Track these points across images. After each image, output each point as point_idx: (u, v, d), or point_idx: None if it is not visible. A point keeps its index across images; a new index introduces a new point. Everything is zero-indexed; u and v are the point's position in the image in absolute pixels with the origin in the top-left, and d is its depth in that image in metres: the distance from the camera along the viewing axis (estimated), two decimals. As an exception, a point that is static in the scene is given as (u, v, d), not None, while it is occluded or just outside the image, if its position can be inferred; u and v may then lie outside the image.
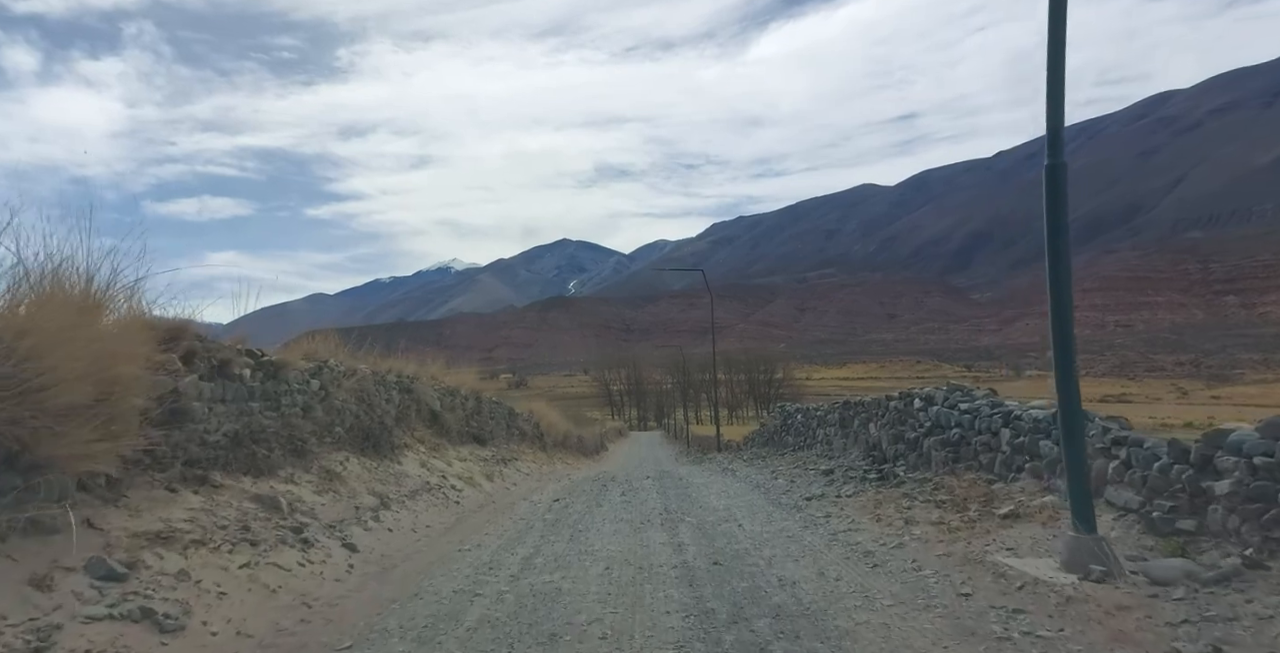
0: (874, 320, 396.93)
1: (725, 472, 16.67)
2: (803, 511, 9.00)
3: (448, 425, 14.79)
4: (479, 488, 12.31)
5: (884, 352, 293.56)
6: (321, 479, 7.88)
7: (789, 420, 19.63)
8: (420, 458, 11.92)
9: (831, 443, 14.25)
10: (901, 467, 9.48)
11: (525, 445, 20.82)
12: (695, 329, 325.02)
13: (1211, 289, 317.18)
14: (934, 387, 9.52)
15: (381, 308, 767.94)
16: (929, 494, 7.76)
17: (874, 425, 11.41)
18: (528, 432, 22.02)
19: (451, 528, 8.61)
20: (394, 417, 12.38)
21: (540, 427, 24.86)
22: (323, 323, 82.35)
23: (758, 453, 21.18)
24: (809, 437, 16.80)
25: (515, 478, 15.23)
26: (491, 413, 18.75)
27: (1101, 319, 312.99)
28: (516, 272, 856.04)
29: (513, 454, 17.88)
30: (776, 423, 21.23)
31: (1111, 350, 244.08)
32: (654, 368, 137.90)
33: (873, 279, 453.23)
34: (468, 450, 15.06)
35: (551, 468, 20.68)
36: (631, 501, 11.19)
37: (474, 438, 16.31)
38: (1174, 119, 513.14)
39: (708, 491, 12.36)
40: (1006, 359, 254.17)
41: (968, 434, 8.10)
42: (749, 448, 26.00)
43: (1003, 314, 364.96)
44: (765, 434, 23.45)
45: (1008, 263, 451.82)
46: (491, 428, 17.96)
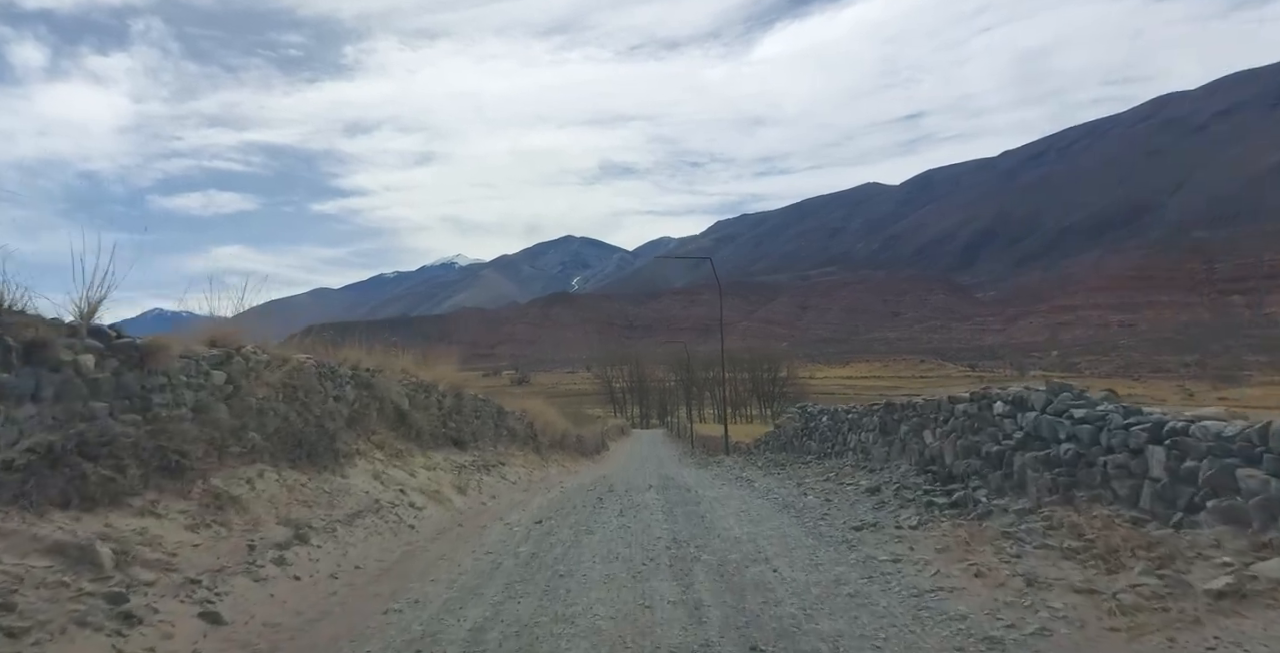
0: (877, 319, 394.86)
1: (740, 482, 14.62)
2: (856, 547, 6.83)
3: (418, 426, 12.66)
4: (446, 504, 10.16)
5: (887, 350, 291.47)
6: (205, 507, 5.76)
7: (811, 423, 17.45)
8: (374, 468, 9.78)
9: (869, 452, 12.12)
10: (982, 490, 7.29)
11: (516, 447, 18.91)
12: (698, 326, 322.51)
13: (1217, 289, 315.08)
14: (1023, 386, 7.35)
15: (385, 303, 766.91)
16: (1043, 535, 5.57)
17: (930, 433, 9.26)
18: (519, 432, 20.02)
19: (390, 569, 6.46)
20: (346, 417, 10.25)
21: (534, 426, 22.83)
22: (326, 318, 79.51)
23: (774, 459, 19.08)
24: (838, 443, 14.66)
25: (497, 488, 13.09)
26: (477, 412, 16.76)
27: (1105, 319, 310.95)
28: (520, 268, 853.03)
29: (499, 458, 15.89)
30: (796, 426, 18.98)
31: (1116, 350, 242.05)
32: (657, 365, 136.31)
33: (876, 277, 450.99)
34: (441, 456, 12.95)
35: (544, 472, 18.73)
36: (631, 523, 9.05)
37: (452, 440, 14.24)
38: (1180, 120, 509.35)
39: (723, 508, 10.21)
40: (1011, 358, 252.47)
41: (1088, 452, 5.92)
42: (762, 452, 23.89)
43: (1007, 313, 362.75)
44: (781, 437, 21.36)
45: (1012, 262, 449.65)
46: (475, 429, 15.95)
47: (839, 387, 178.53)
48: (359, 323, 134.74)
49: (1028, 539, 5.59)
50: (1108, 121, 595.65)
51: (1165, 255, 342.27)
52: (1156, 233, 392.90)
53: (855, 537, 7.27)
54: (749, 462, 21.96)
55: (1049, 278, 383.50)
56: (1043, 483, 6.29)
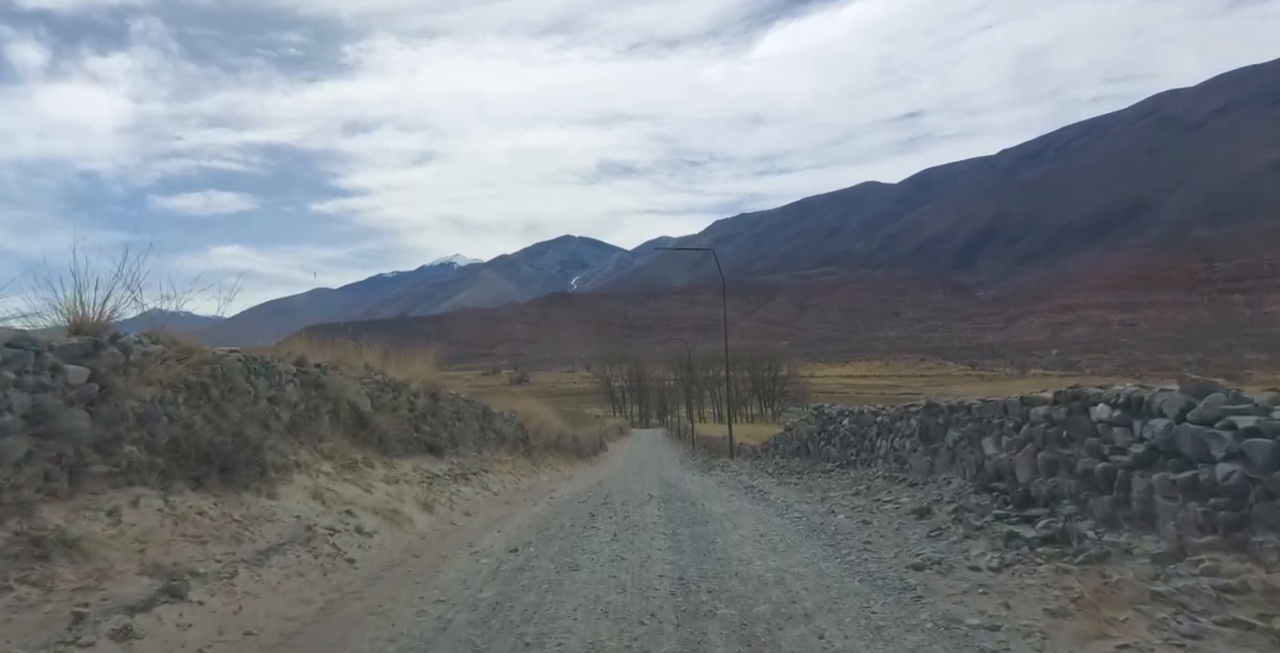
0: (876, 318, 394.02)
1: (751, 493, 13.01)
2: (925, 599, 5.08)
3: (382, 432, 10.94)
4: (406, 527, 8.44)
5: (887, 349, 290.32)
6: (8, 560, 4.03)
7: (830, 426, 15.64)
8: (316, 484, 8.05)
9: (905, 462, 10.49)
10: (1084, 522, 5.54)
11: (504, 452, 17.55)
12: (697, 326, 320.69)
13: (1217, 288, 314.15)
14: (1135, 384, 5.64)
15: (384, 303, 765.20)
16: (1217, 601, 3.83)
17: (993, 443, 7.53)
18: (509, 435, 18.54)
19: (295, 635, 4.70)
20: (286, 423, 8.54)
21: (525, 429, 21.21)
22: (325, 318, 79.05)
23: (787, 466, 17.33)
24: (865, 450, 12.95)
25: (474, 502, 11.39)
26: (458, 414, 15.21)
27: (1106, 317, 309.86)
28: (519, 267, 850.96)
29: (482, 465, 14.35)
30: (812, 428, 17.13)
31: (1117, 349, 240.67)
32: (656, 364, 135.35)
33: (875, 277, 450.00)
34: (411, 465, 11.25)
35: (534, 480, 17.25)
36: (626, 553, 7.35)
37: (427, 447, 12.56)
38: (1179, 117, 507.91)
39: (737, 530, 8.50)
40: (1011, 357, 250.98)
41: (1268, 478, 4.19)
42: (771, 456, 22.00)
43: (1007, 312, 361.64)
44: (794, 441, 19.46)
45: (1012, 260, 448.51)
46: (455, 433, 14.36)
47: (839, 386, 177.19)
48: (357, 323, 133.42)
49: (1194, 605, 3.85)
50: (1106, 119, 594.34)
51: (1165, 254, 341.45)
52: (1156, 231, 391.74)
53: (918, 581, 5.52)
54: (757, 467, 20.22)
55: (1049, 277, 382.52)
56: (1188, 518, 4.55)
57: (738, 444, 32.10)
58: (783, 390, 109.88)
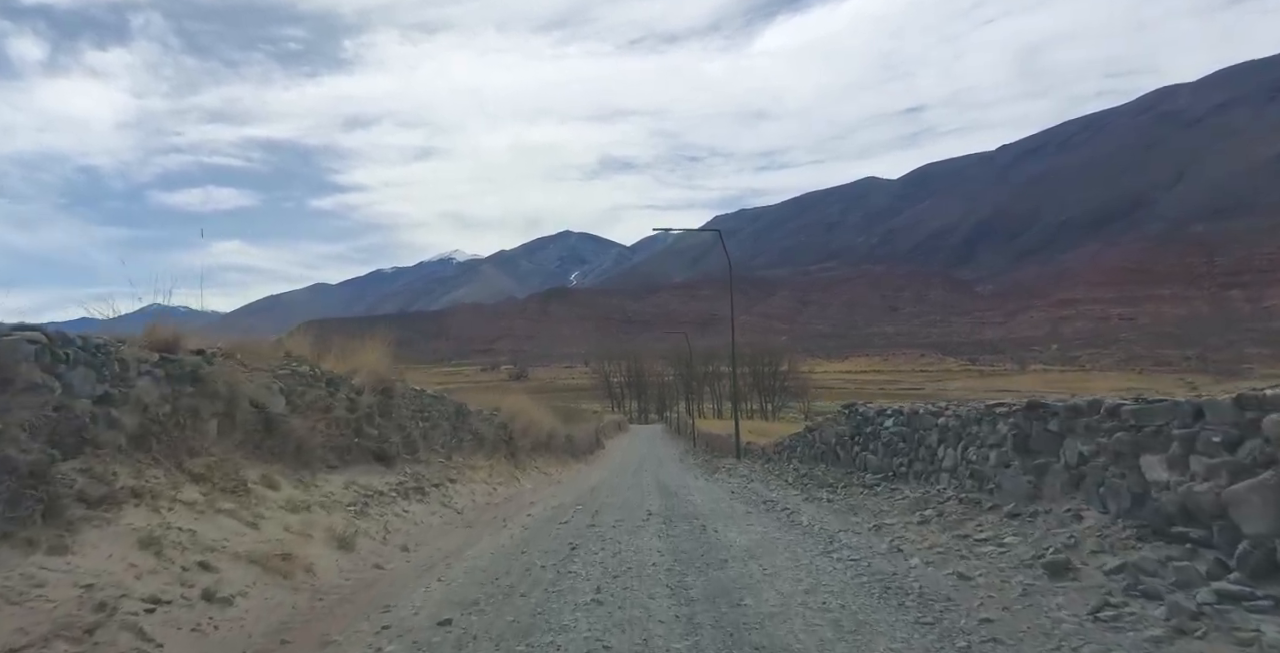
0: (876, 314, 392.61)
1: (774, 512, 10.56)
2: None
3: (299, 439, 8.37)
4: (296, 581, 5.83)
5: (886, 345, 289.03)
6: None
7: (868, 428, 12.94)
8: (154, 524, 5.45)
9: (988, 480, 8.04)
10: None
11: (482, 456, 15.76)
12: (696, 321, 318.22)
13: (1216, 283, 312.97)
14: None
15: (383, 299, 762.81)
16: None
17: (1163, 463, 4.94)
18: (488, 436, 16.51)
19: None
20: (131, 432, 5.96)
21: (509, 428, 18.85)
22: (324, 314, 77.02)
23: (811, 474, 14.86)
24: (920, 460, 10.38)
25: (422, 529, 8.88)
26: (422, 412, 13.34)
27: (1105, 312, 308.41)
28: (518, 263, 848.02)
29: (450, 474, 12.38)
30: (842, 430, 14.42)
31: (1117, 344, 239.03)
32: (656, 359, 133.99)
33: (875, 272, 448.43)
34: (344, 480, 8.76)
35: (514, 488, 15.16)
36: (612, 631, 4.79)
37: (373, 454, 10.20)
38: (1179, 113, 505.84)
39: (773, 583, 5.89)
40: (1011, 352, 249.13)
41: None
42: (787, 459, 19.51)
43: (1006, 307, 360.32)
44: (817, 443, 16.73)
45: (1012, 256, 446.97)
46: (415, 435, 12.17)
47: (839, 381, 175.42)
48: (356, 319, 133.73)
49: None
50: (1106, 114, 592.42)
51: (1165, 249, 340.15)
52: (1156, 226, 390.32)
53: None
54: (771, 472, 17.84)
55: (1048, 272, 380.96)
56: None
57: (746, 444, 29.63)
58: (783, 386, 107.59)
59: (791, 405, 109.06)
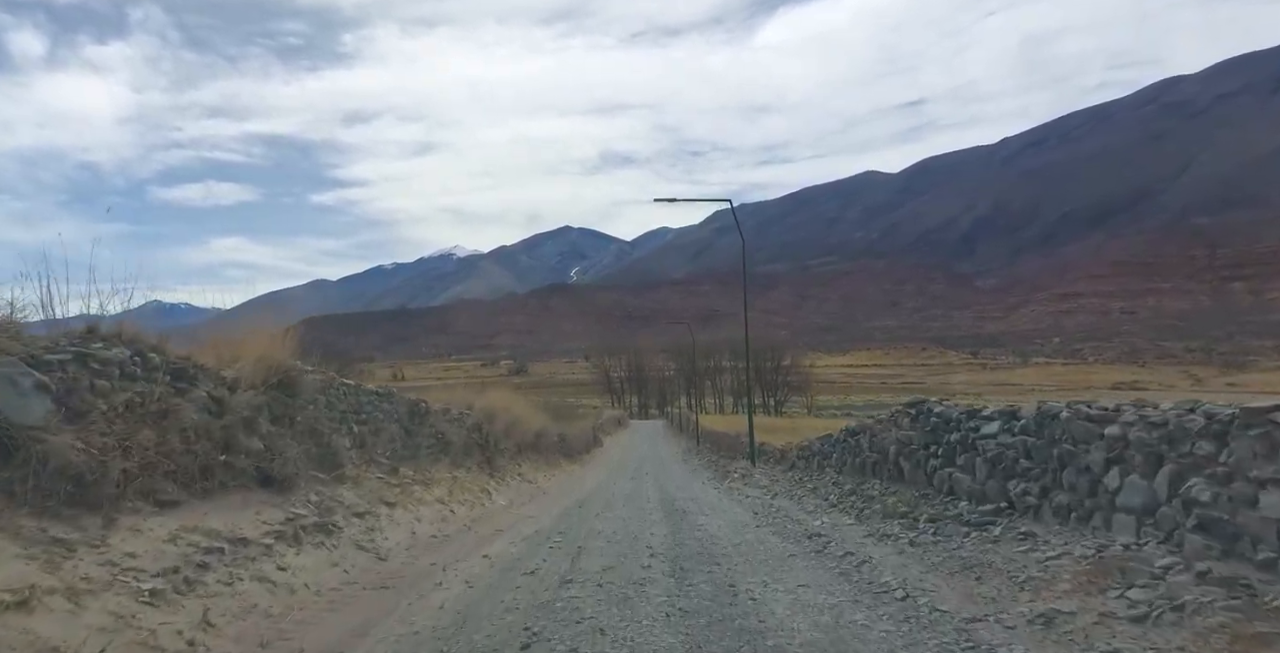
0: (876, 308, 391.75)
1: (829, 557, 7.64)
2: None
3: (76, 465, 5.25)
4: None
5: (886, 339, 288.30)
6: None
7: (951, 435, 9.57)
8: None
9: (1254, 541, 4.79)
10: None
11: (447, 465, 13.42)
12: (696, 317, 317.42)
13: (1219, 275, 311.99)
14: None
15: (383, 294, 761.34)
16: None
17: None
18: (456, 440, 14.61)
19: None
20: None
21: (487, 429, 17.61)
22: (324, 309, 76.04)
23: (861, 493, 11.59)
24: (1071, 490, 6.95)
25: (299, 598, 5.90)
26: (359, 414, 10.77)
27: (1106, 306, 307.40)
28: (518, 259, 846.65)
29: (382, 496, 9.44)
30: (909, 436, 10.89)
31: (1119, 337, 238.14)
32: (656, 354, 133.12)
33: (875, 266, 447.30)
34: (172, 527, 5.70)
35: (478, 510, 12.12)
36: None
37: (256, 478, 7.25)
38: (1182, 104, 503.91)
39: None
40: (1012, 346, 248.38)
41: None
42: (818, 469, 16.20)
43: (1007, 301, 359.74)
44: (864, 452, 13.11)
45: (1012, 249, 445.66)
46: (330, 447, 9.06)
47: (840, 376, 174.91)
48: (357, 314, 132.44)
49: None
50: (1109, 107, 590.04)
51: (1167, 241, 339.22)
52: (1158, 219, 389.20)
53: None
54: (801, 485, 14.88)
55: (1049, 265, 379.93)
56: None
57: (760, 445, 28.06)
58: (786, 381, 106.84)
59: (794, 401, 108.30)
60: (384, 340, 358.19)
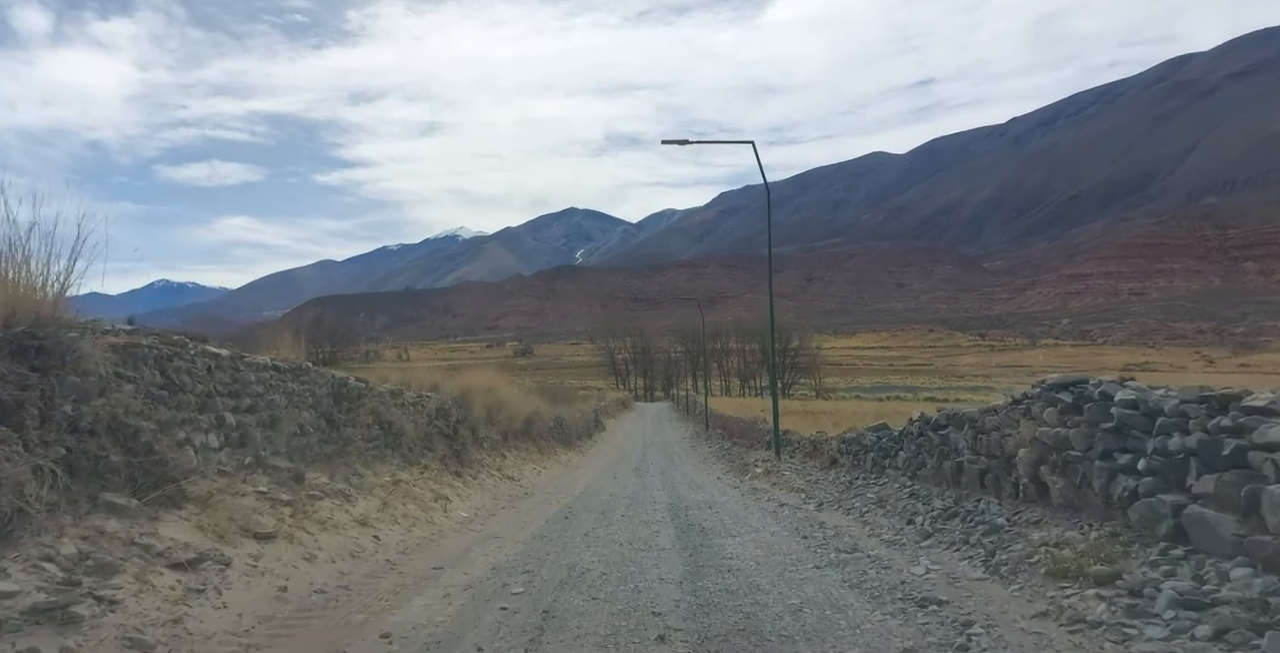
0: (883, 290, 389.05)
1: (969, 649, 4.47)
2: None
3: None
4: None
5: (894, 321, 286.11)
6: None
7: (1159, 439, 5.50)
8: None
9: None
10: None
11: (393, 464, 10.75)
12: (702, 298, 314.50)
13: (1229, 255, 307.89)
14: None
15: (389, 275, 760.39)
16: None
17: None
18: (409, 430, 11.74)
19: None
20: None
21: (458, 415, 14.71)
22: (330, 290, 72.81)
23: (960, 513, 8.22)
24: None
25: None
26: (235, 399, 7.51)
27: (1115, 287, 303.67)
28: (523, 240, 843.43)
29: (250, 523, 6.37)
30: (1066, 439, 6.66)
31: (1129, 318, 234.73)
32: (662, 335, 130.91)
33: (881, 248, 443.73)
34: None
35: (417, 532, 8.88)
36: None
37: None
38: (1192, 82, 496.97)
39: None
40: (1021, 327, 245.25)
41: None
42: (865, 470, 12.71)
43: (1016, 282, 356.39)
44: (953, 454, 9.31)
45: (1021, 230, 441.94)
46: (155, 453, 5.84)
47: (846, 358, 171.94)
48: (363, 295, 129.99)
49: None
50: (1119, 85, 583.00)
51: (1177, 222, 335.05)
52: (1168, 199, 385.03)
53: None
54: (858, 494, 11.22)
55: (1057, 247, 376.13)
56: None
57: (769, 428, 24.37)
58: (793, 363, 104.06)
59: (801, 383, 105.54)
60: (391, 322, 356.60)
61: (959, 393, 79.48)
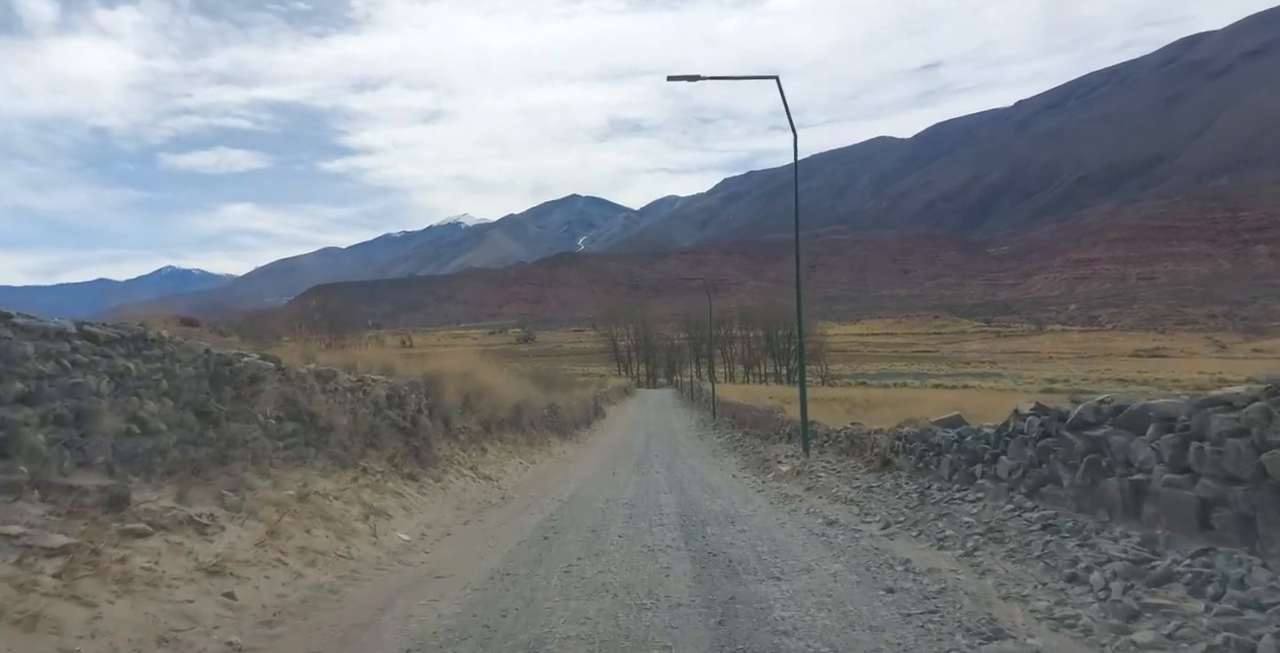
0: (887, 276, 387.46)
1: None
2: None
3: None
4: None
5: (898, 308, 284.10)
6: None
7: None
8: None
9: None
10: None
11: (310, 470, 8.24)
12: (704, 286, 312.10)
13: (1239, 238, 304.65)
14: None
15: (392, 263, 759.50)
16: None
17: None
18: (342, 424, 9.30)
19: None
20: None
21: (418, 405, 12.23)
22: (334, 277, 69.48)
23: (1107, 541, 5.51)
24: None
25: None
26: None
27: (1123, 272, 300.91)
28: (526, 227, 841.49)
29: None
30: None
31: (1138, 303, 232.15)
32: (665, 322, 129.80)
33: (885, 235, 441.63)
34: None
35: (343, 571, 6.45)
36: None
37: None
38: (1204, 63, 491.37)
39: None
40: (1026, 313, 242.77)
41: None
42: (940, 477, 9.74)
43: (1021, 268, 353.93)
44: (1098, 469, 6.28)
45: (1026, 215, 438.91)
46: None
47: (851, 345, 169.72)
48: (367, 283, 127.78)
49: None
50: (1128, 66, 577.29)
51: (1186, 204, 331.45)
52: (1177, 182, 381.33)
53: None
54: (943, 514, 8.40)
55: (1063, 231, 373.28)
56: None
57: (789, 420, 20.31)
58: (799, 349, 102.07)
59: (808, 369, 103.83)
60: (394, 309, 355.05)
61: (967, 379, 77.41)
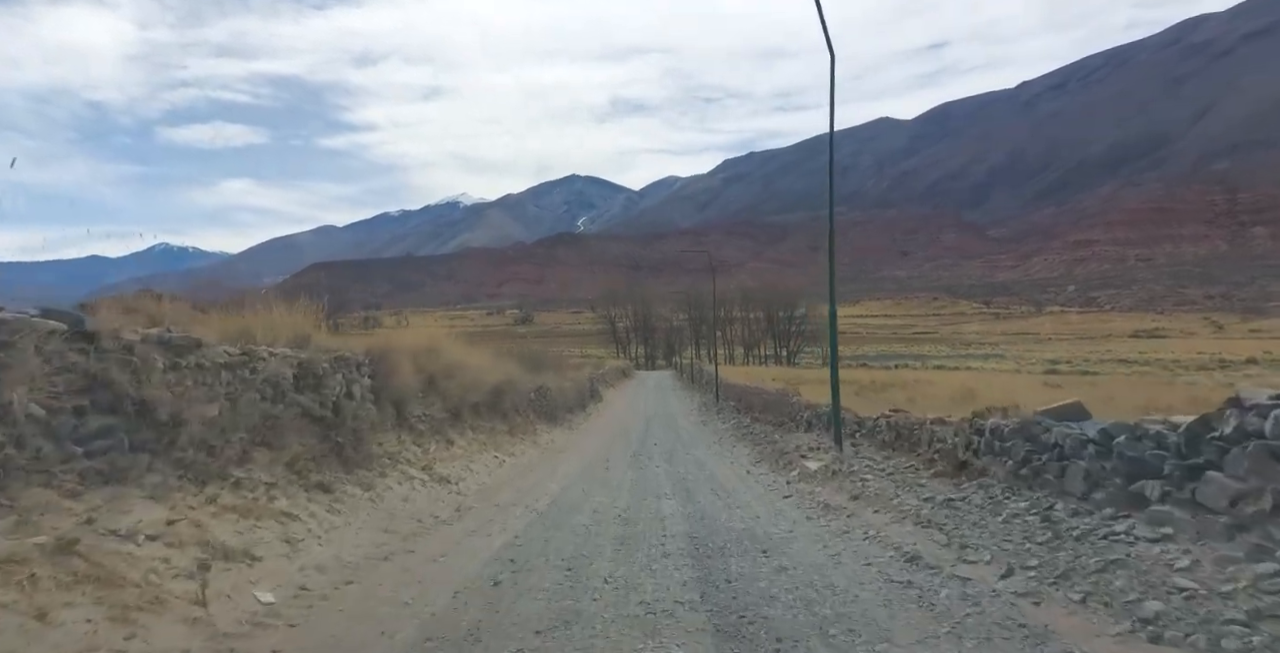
0: (887, 258, 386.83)
1: None
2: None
3: None
4: None
5: (897, 289, 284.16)
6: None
7: None
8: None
9: None
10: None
11: (146, 489, 5.50)
12: (704, 267, 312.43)
13: (1237, 220, 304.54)
14: None
15: (390, 241, 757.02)
16: None
17: None
18: (206, 422, 6.57)
19: None
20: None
21: (341, 390, 9.37)
22: (331, 256, 70.76)
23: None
24: None
25: None
26: None
27: (1122, 253, 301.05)
28: (525, 207, 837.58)
29: None
30: None
31: (1136, 284, 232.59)
32: (665, 303, 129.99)
33: (886, 216, 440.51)
34: None
35: None
36: None
37: None
38: (1206, 44, 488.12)
39: None
40: (1026, 294, 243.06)
41: None
42: (1073, 495, 6.43)
43: (1021, 249, 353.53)
44: None
45: (1027, 197, 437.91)
46: None
47: (850, 326, 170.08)
48: (364, 262, 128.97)
49: None
50: (1130, 48, 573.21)
51: (1186, 187, 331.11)
52: (1176, 164, 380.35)
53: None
54: (1114, 564, 5.16)
55: (1063, 213, 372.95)
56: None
57: (808, 405, 18.24)
58: (800, 331, 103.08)
59: (809, 351, 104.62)
60: (392, 288, 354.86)
61: (969, 361, 78.33)
